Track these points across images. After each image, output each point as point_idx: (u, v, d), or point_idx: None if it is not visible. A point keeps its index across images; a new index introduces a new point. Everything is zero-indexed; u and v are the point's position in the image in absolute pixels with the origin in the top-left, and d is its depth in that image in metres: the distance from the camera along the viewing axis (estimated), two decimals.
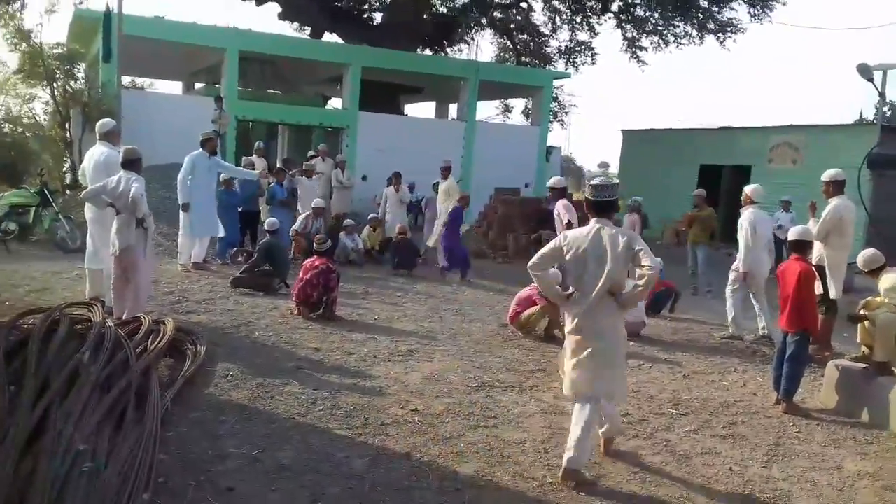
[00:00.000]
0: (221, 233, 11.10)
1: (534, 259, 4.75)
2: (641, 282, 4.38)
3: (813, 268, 6.42)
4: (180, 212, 10.61)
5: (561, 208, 9.42)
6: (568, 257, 4.59)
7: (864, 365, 6.19)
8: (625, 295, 4.52)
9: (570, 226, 8.71)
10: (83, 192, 7.40)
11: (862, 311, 6.28)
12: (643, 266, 4.39)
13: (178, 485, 3.96)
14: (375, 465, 4.44)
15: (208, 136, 10.80)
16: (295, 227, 12.14)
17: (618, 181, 5.30)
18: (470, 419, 5.36)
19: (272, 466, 4.29)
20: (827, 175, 7.88)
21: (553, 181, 10.16)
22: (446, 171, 13.19)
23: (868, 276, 6.23)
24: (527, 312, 8.22)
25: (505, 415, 5.52)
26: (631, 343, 8.15)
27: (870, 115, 37.76)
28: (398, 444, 4.80)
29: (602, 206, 4.66)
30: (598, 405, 4.58)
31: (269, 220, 10.54)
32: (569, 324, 4.67)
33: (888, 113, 20.55)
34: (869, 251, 6.37)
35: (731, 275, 8.82)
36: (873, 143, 16.01)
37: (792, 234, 6.48)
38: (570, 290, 4.68)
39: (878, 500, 4.45)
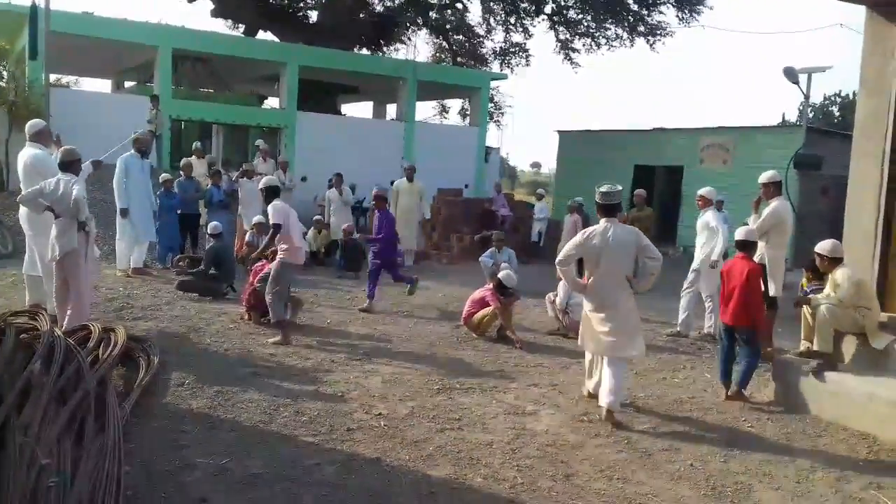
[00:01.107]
0: (154, 237, 10.87)
1: (560, 256, 5.97)
2: (653, 270, 5.73)
3: (759, 266, 6.68)
4: (118, 216, 10.29)
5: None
6: (585, 251, 5.80)
7: (810, 359, 6.42)
8: (640, 282, 5.83)
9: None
10: (19, 196, 7.08)
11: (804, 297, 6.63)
12: (652, 258, 5.74)
13: (148, 497, 3.86)
14: (346, 471, 4.42)
15: (139, 136, 10.50)
16: (246, 240, 11.88)
17: (620, 187, 6.21)
18: (435, 422, 5.38)
19: (242, 475, 4.22)
20: (765, 177, 8.15)
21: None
22: (411, 171, 13.21)
23: (828, 264, 6.42)
24: (480, 314, 8.27)
25: (469, 416, 5.56)
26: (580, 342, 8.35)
27: (792, 117, 39.44)
28: (367, 449, 4.78)
29: (610, 208, 5.88)
30: (621, 361, 5.83)
31: (211, 224, 10.30)
32: (588, 305, 5.96)
33: (812, 115, 21.39)
34: (830, 241, 6.56)
35: (691, 275, 9.07)
36: (799, 143, 16.69)
37: (738, 233, 6.74)
38: (588, 280, 5.91)
39: (833, 491, 4.65)
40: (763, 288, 6.80)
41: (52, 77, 17.91)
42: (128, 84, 25.09)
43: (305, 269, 12.00)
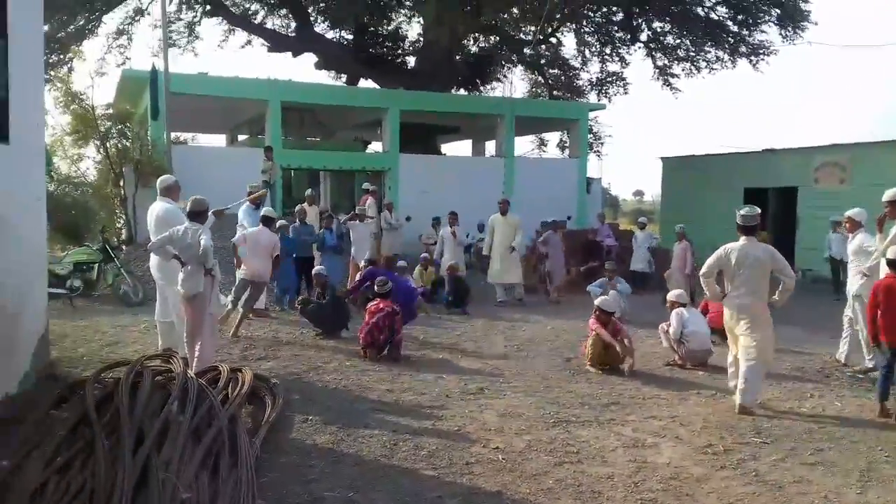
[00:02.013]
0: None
1: (704, 269, 7.01)
2: (788, 287, 6.65)
3: None
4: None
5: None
6: (724, 264, 6.79)
7: None
8: (778, 299, 6.71)
9: None
10: (150, 244, 7.58)
11: None
12: (786, 276, 6.69)
13: None
14: (468, 503, 4.45)
15: (255, 188, 11.07)
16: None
17: (759, 210, 6.97)
18: (553, 455, 5.35)
19: None
20: (889, 195, 7.75)
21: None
22: (505, 205, 13.36)
23: None
24: (587, 342, 8.24)
25: (587, 450, 5.50)
26: (700, 372, 8.13)
27: None
28: (487, 482, 4.81)
29: (749, 228, 6.83)
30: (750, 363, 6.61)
31: (315, 269, 10.67)
32: (727, 313, 6.87)
33: None
34: None
35: (856, 303, 8.42)
36: None
37: (891, 252, 6.61)
38: (726, 290, 6.86)
39: None
40: None
41: (172, 135, 19.17)
42: (241, 137, 26.47)
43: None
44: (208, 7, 24.94)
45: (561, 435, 5.82)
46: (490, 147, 25.73)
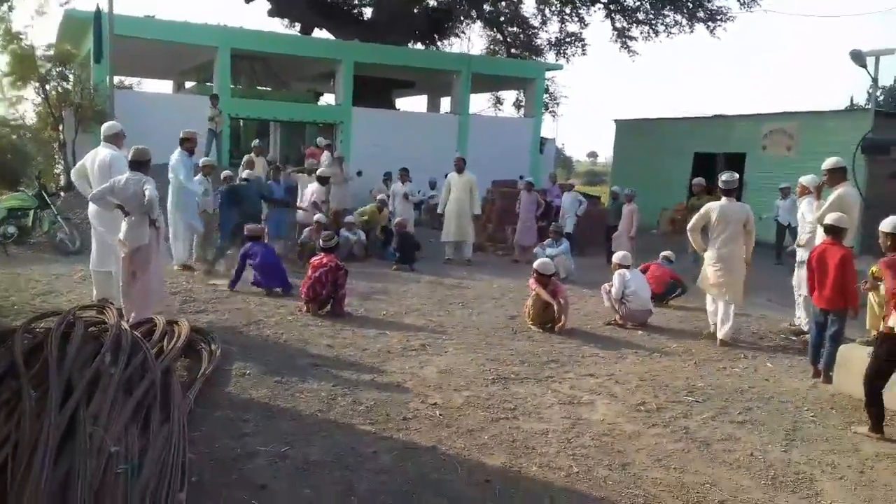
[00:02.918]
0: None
1: (690, 225, 8.21)
2: (751, 239, 8.00)
3: (850, 250, 6.63)
4: (172, 213, 10.45)
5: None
6: (707, 220, 7.98)
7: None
8: (747, 257, 7.95)
9: None
10: (90, 194, 7.34)
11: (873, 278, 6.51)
12: (749, 230, 7.96)
13: (212, 484, 3.98)
14: (403, 458, 4.47)
15: (188, 135, 10.60)
16: (301, 239, 12.11)
17: (737, 175, 8.34)
18: (490, 411, 5.39)
19: (301, 463, 4.31)
20: (828, 163, 7.87)
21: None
22: (461, 163, 13.24)
23: (891, 244, 6.16)
24: (528, 302, 8.32)
25: (524, 406, 5.56)
26: (639, 332, 8.27)
27: (861, 100, 38.02)
28: (423, 437, 4.83)
29: (729, 191, 8.02)
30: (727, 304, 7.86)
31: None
32: (709, 260, 7.97)
33: (881, 98, 20.61)
34: (893, 217, 6.33)
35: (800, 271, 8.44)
36: (866, 128, 16.06)
37: (828, 219, 6.77)
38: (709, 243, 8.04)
39: None
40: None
41: (116, 79, 18.52)
42: (188, 84, 25.72)
43: (362, 261, 12.18)
44: None
45: (499, 391, 5.87)
46: (445, 103, 25.51)
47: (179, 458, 3.99)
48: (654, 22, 26.15)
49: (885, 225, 5.68)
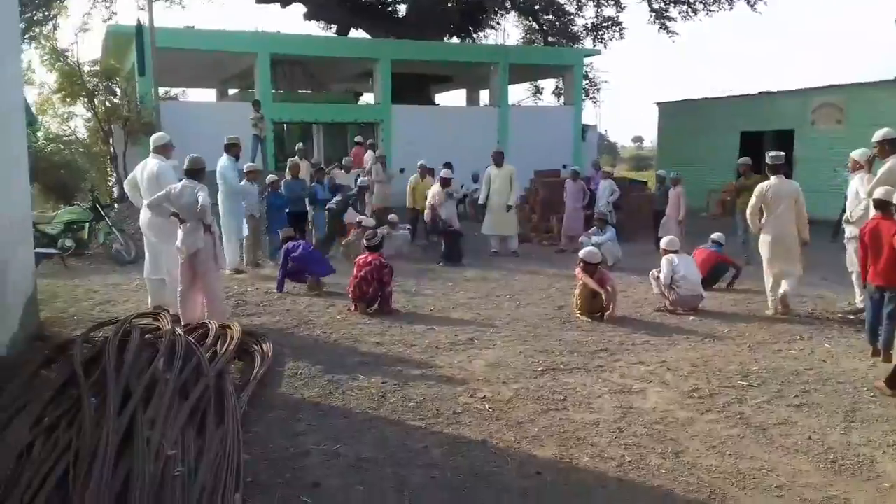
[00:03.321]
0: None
1: (749, 208, 8.40)
2: (802, 214, 8.15)
3: None
4: (222, 218, 10.67)
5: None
6: (764, 199, 8.17)
7: None
8: (802, 229, 8.16)
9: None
10: (147, 201, 7.51)
11: None
12: (800, 206, 8.12)
13: (266, 483, 4.05)
14: (453, 453, 4.49)
15: (233, 140, 10.82)
16: (347, 240, 12.23)
17: (783, 153, 8.74)
18: (540, 403, 5.38)
19: (353, 460, 4.36)
20: (878, 135, 7.63)
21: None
22: (499, 156, 13.19)
23: None
24: (575, 293, 8.25)
25: (574, 397, 5.53)
26: (690, 317, 8.15)
27: None
28: (472, 431, 4.84)
29: (777, 168, 8.33)
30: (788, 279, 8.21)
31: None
32: (766, 238, 8.22)
33: None
34: None
35: (850, 247, 8.29)
36: None
37: (877, 193, 6.53)
38: (763, 221, 8.25)
39: None
40: None
41: (161, 91, 18.95)
42: (231, 91, 26.17)
43: (408, 258, 12.25)
44: None
45: (548, 383, 5.85)
46: (484, 96, 25.44)
47: (234, 459, 4.07)
48: (692, 0, 25.66)
49: None
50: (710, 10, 25.60)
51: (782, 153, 8.55)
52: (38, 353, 5.97)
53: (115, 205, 14.42)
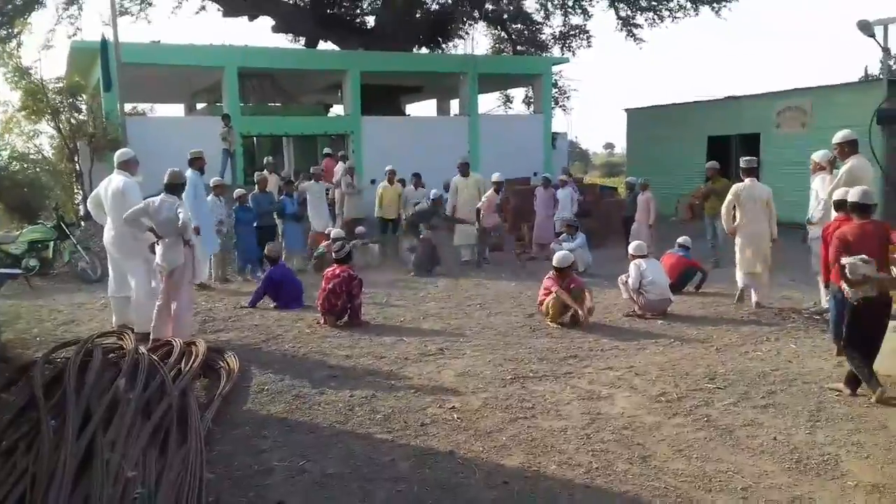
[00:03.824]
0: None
1: (723, 209, 8.99)
2: (773, 215, 8.80)
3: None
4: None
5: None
6: (739, 200, 8.72)
7: None
8: (773, 231, 8.78)
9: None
10: (124, 215, 7.34)
11: None
12: (771, 208, 8.75)
13: (230, 502, 3.98)
14: (420, 465, 4.45)
15: (196, 154, 10.70)
16: (316, 253, 12.16)
17: (756, 158, 9.62)
18: (508, 412, 5.36)
19: (318, 476, 4.31)
20: (838, 137, 7.75)
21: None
22: (465, 167, 13.21)
23: None
24: (547, 300, 8.23)
25: (542, 404, 5.52)
26: (659, 322, 8.19)
27: (876, 70, 37.31)
28: (440, 442, 4.81)
29: (750, 171, 8.91)
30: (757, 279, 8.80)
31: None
32: (740, 240, 8.78)
33: (894, 67, 20.24)
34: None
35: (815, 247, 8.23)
36: (880, 98, 15.80)
37: (838, 194, 6.61)
38: (737, 222, 8.82)
39: None
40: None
41: (128, 106, 18.76)
42: (199, 106, 25.95)
43: (377, 269, 12.20)
44: None
45: (517, 391, 5.83)
46: (455, 106, 25.48)
47: (197, 478, 4.00)
48: (658, 8, 25.94)
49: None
50: (675, 17, 25.89)
51: (755, 158, 9.29)
52: None
53: (81, 223, 14.20)
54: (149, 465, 4.13)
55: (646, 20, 26.41)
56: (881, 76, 17.77)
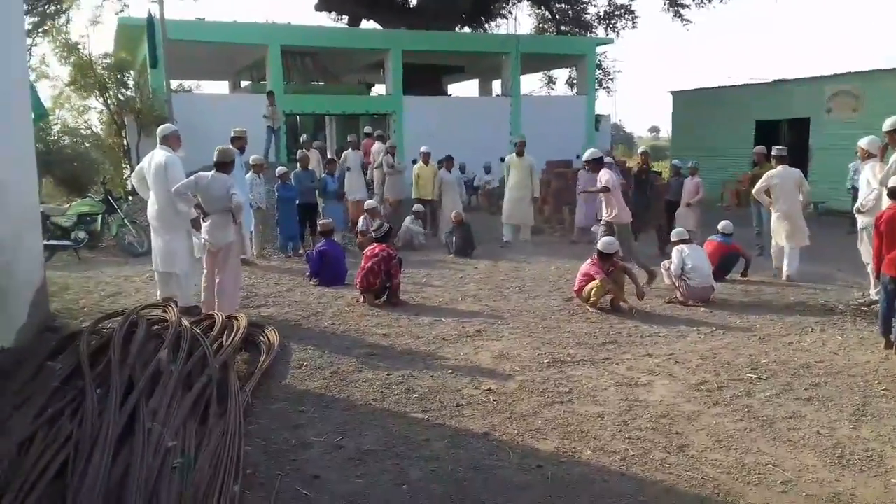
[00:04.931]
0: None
1: (755, 189, 10.10)
2: (808, 195, 10.10)
3: None
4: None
5: (604, 174, 9.27)
6: (771, 184, 9.77)
7: None
8: (805, 201, 9.88)
9: (605, 189, 9.23)
10: (174, 188, 7.39)
11: None
12: (804, 190, 9.81)
13: (266, 475, 4.04)
14: (455, 446, 4.46)
15: (239, 133, 10.76)
16: (359, 228, 12.22)
17: (785, 147, 10.39)
18: (544, 396, 5.34)
19: (354, 452, 4.35)
20: (888, 124, 7.51)
21: (587, 154, 9.93)
22: (522, 146, 13.13)
23: None
24: (588, 286, 8.12)
25: (579, 389, 5.48)
26: (701, 309, 8.07)
27: None
28: (475, 424, 4.81)
29: (782, 158, 9.87)
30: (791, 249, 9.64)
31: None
32: (775, 215, 9.79)
33: None
34: None
35: (866, 236, 8.20)
36: None
37: (893, 181, 6.45)
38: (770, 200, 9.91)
39: None
40: None
41: (174, 83, 19.00)
42: (244, 84, 26.19)
43: (417, 249, 12.23)
44: None
45: (554, 375, 5.80)
46: (497, 86, 25.32)
47: (235, 450, 4.07)
48: None
49: None
50: None
51: (784, 147, 10.25)
52: (46, 344, 6.00)
53: (129, 197, 14.49)
54: (189, 435, 4.21)
55: (693, 0, 25.89)
56: None
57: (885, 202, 6.85)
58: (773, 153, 10.10)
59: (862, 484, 3.99)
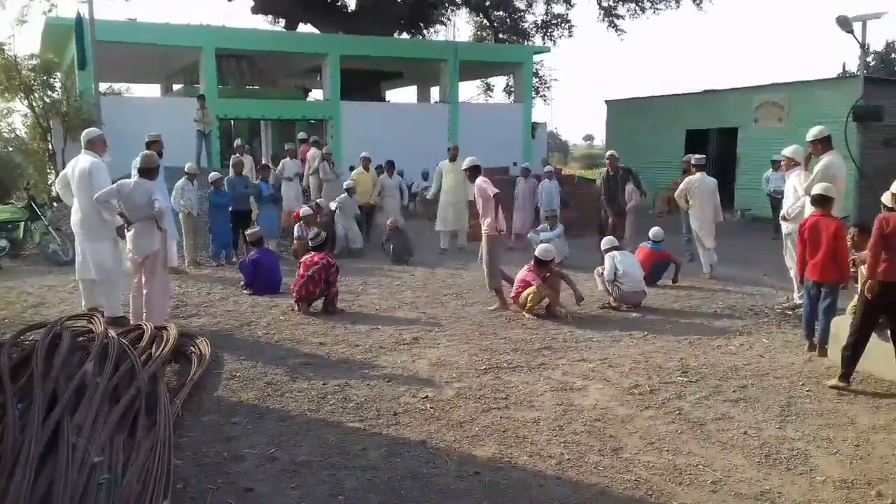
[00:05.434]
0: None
1: (677, 193, 11.05)
2: (718, 202, 10.88)
3: (843, 221, 6.62)
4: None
5: (481, 183, 8.94)
6: (690, 191, 10.62)
7: None
8: (717, 212, 10.77)
9: (497, 197, 8.61)
10: (95, 196, 7.14)
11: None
12: (715, 202, 10.71)
13: (197, 489, 3.94)
14: (391, 454, 4.43)
15: (154, 137, 10.40)
16: (294, 235, 12.04)
17: (704, 156, 11.52)
18: (481, 402, 5.35)
19: (289, 464, 4.27)
20: (811, 134, 7.80)
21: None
22: (455, 151, 13.14)
23: None
24: (525, 292, 8.19)
25: (516, 395, 5.51)
26: (633, 314, 8.22)
27: (853, 66, 37.74)
28: (412, 432, 4.79)
29: (701, 167, 10.76)
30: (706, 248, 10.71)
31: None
32: (693, 217, 10.66)
33: (872, 63, 20.42)
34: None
35: (790, 243, 8.38)
36: (857, 95, 15.96)
37: (816, 189, 6.69)
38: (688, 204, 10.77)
39: (894, 453, 4.46)
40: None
41: (104, 86, 18.46)
42: (176, 87, 25.62)
43: (354, 257, 12.13)
44: None
45: (491, 381, 5.82)
46: (436, 93, 25.41)
47: (164, 464, 3.95)
48: None
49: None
50: (656, 9, 26.04)
51: (703, 156, 11.42)
52: None
53: (53, 204, 13.98)
54: (116, 450, 4.07)
55: (628, 11, 26.57)
56: (858, 73, 17.92)
57: (809, 210, 7.11)
58: (692, 162, 11.10)
59: (788, 482, 4.11)
